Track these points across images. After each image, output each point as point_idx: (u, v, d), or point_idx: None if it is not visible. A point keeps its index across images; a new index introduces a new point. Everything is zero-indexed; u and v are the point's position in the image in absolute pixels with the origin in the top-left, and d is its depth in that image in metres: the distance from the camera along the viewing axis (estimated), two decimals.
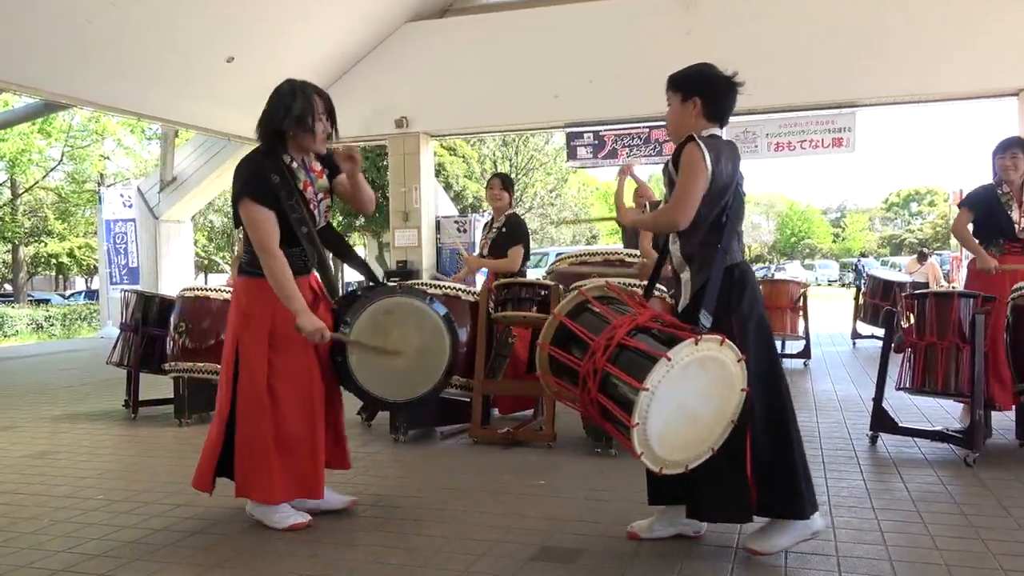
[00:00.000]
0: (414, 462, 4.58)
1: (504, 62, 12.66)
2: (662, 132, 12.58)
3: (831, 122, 11.81)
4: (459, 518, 3.48)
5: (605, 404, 2.67)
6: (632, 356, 2.67)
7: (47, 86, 10.24)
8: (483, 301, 5.08)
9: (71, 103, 11.65)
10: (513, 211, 5.86)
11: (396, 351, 3.42)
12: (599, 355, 2.68)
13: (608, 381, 2.68)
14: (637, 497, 3.69)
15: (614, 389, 2.66)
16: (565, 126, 13.13)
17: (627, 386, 2.59)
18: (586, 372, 2.71)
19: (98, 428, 5.77)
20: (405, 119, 13.39)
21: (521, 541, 3.16)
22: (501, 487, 3.97)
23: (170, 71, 10.91)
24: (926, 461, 4.35)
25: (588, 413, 2.83)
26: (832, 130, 11.83)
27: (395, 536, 3.25)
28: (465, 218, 15.09)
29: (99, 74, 10.44)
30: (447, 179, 24.06)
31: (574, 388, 2.81)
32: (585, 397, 2.74)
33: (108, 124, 26.31)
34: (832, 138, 11.80)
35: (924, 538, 3.11)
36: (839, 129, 11.78)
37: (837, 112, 11.74)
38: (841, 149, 11.83)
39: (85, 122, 26.32)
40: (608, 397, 2.66)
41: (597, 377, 2.67)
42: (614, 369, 2.65)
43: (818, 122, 11.87)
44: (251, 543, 3.18)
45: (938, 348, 4.41)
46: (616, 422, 2.66)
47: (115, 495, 3.95)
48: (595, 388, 2.68)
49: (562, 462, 4.48)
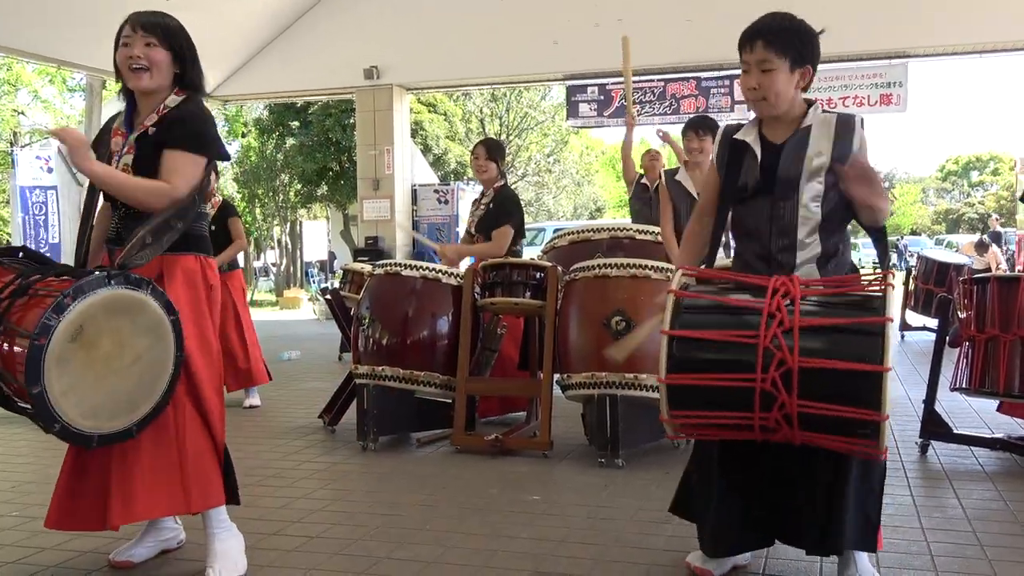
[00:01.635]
0: (385, 474, 4.60)
1: (494, 1, 12.61)
2: (679, 86, 12.61)
3: (879, 75, 11.83)
4: (438, 539, 3.49)
5: (815, 410, 2.41)
6: (833, 336, 2.46)
7: None
8: (468, 285, 5.09)
9: None
10: (504, 183, 5.83)
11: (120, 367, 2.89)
12: (787, 353, 2.41)
13: (812, 379, 2.41)
14: (646, 516, 3.72)
15: (821, 386, 2.41)
16: (565, 78, 13.12)
17: (843, 375, 2.38)
18: (770, 380, 2.42)
19: (13, 433, 5.77)
20: (375, 69, 13.33)
21: (510, 566, 3.18)
22: (487, 503, 4.00)
23: (96, 11, 10.82)
24: (984, 473, 4.39)
25: (769, 435, 2.54)
26: (880, 85, 11.84)
27: (362, 560, 3.27)
28: (447, 186, 15.07)
29: (11, 15, 10.36)
30: (425, 140, 24.01)
31: (738, 412, 2.51)
32: (773, 415, 2.46)
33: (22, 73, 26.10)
34: (880, 94, 11.83)
35: (981, 563, 3.14)
36: (888, 84, 11.79)
37: (886, 64, 11.75)
38: (890, 108, 11.85)
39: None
40: (816, 399, 2.42)
41: (794, 379, 2.41)
42: (819, 361, 2.41)
43: (864, 75, 11.88)
44: (188, 569, 3.20)
45: (1000, 342, 4.44)
46: (839, 426, 2.43)
47: (33, 511, 3.94)
48: (796, 394, 2.41)
49: (559, 474, 4.50)
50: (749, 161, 2.86)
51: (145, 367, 2.89)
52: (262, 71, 13.89)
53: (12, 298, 2.75)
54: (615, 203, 39.10)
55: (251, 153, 28.46)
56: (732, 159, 2.90)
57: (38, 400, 2.62)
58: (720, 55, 11.72)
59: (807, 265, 2.80)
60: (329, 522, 3.75)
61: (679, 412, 2.60)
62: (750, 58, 2.77)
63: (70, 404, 2.69)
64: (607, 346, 4.59)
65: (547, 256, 5.61)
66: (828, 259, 2.81)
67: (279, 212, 29.35)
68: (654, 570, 3.11)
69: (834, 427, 2.44)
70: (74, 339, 2.69)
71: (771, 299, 2.50)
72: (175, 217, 2.99)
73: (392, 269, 5.23)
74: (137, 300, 2.85)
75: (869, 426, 2.39)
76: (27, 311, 2.74)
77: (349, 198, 23.35)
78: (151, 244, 2.93)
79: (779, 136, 2.83)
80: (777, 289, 2.52)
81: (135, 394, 2.87)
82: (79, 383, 2.72)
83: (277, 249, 32.58)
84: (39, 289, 2.78)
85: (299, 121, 23.52)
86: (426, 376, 5.04)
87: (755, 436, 2.55)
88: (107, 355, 2.80)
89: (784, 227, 2.80)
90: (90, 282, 2.73)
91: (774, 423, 2.47)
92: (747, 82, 2.80)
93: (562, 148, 32.83)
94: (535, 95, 29.31)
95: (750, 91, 2.80)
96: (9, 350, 2.73)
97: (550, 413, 4.92)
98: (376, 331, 5.10)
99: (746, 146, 2.87)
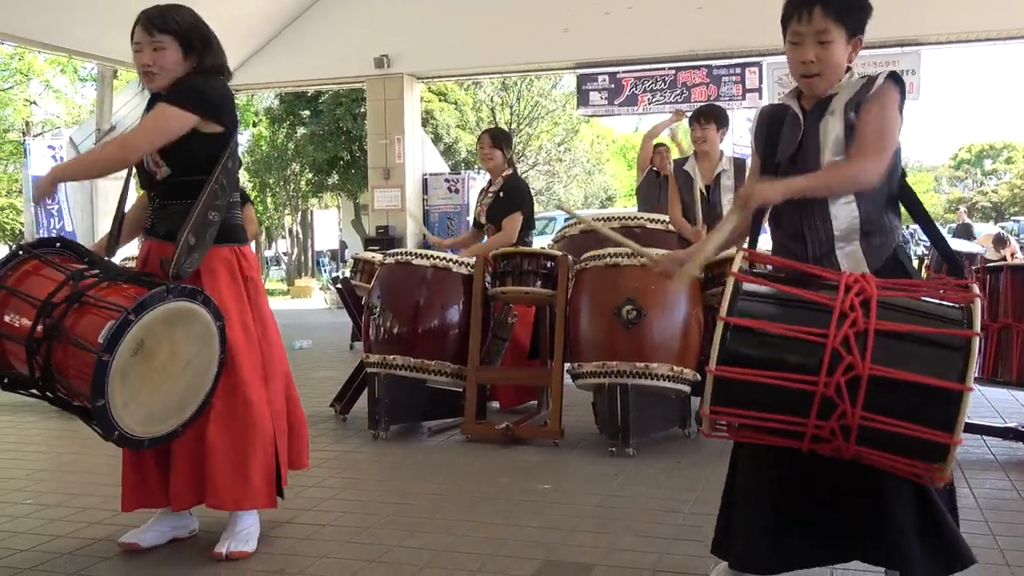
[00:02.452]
0: (397, 462, 4.62)
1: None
2: (690, 74, 12.55)
3: (892, 63, 11.75)
4: (449, 528, 3.50)
5: (878, 424, 2.18)
6: (910, 345, 2.22)
7: None
8: (479, 274, 5.09)
9: None
10: (512, 171, 5.82)
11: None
12: (858, 358, 2.17)
13: (880, 390, 2.18)
14: (657, 505, 3.73)
15: (889, 398, 2.19)
16: (576, 67, 13.08)
17: (916, 389, 2.15)
18: (834, 385, 2.18)
19: (25, 421, 5.81)
20: (386, 58, 13.32)
21: (521, 555, 3.19)
22: (498, 492, 4.00)
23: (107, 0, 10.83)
24: (996, 463, 4.38)
25: (818, 445, 2.30)
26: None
27: (373, 548, 3.28)
28: (457, 175, 15.06)
29: (22, 4, 10.38)
30: (436, 129, 23.99)
31: (790, 416, 2.27)
32: (830, 424, 2.22)
33: (34, 63, 26.15)
34: None
35: (992, 552, 3.13)
36: (901, 72, 11.72)
37: (898, 51, 11.68)
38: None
39: (7, 60, 26.19)
40: (882, 412, 2.18)
41: (862, 387, 2.16)
42: (893, 371, 2.16)
43: (876, 63, 11.78)
44: (205, 557, 3.21)
45: (1014, 331, 4.42)
46: (901, 445, 2.20)
47: (47, 499, 3.97)
48: (860, 405, 2.17)
49: (570, 463, 4.51)
50: (788, 130, 2.64)
51: (193, 372, 2.99)
52: (273, 60, 13.88)
53: (67, 303, 2.81)
54: (626, 192, 38.99)
55: (262, 142, 28.52)
56: (770, 135, 2.69)
57: (101, 412, 2.73)
58: (731, 43, 11.66)
59: (848, 243, 2.56)
60: (340, 510, 3.76)
61: (722, 408, 2.34)
62: (805, 28, 2.48)
63: (128, 413, 2.81)
64: (620, 334, 4.60)
65: (558, 245, 5.61)
66: (871, 234, 2.56)
67: (290, 201, 29.41)
68: (665, 559, 3.12)
69: (895, 445, 2.21)
70: (135, 353, 2.80)
71: (844, 296, 2.24)
72: (211, 210, 3.06)
73: (403, 258, 5.24)
74: (192, 311, 2.95)
75: (937, 449, 2.16)
76: (81, 316, 2.82)
77: (360, 187, 23.38)
78: (196, 246, 3.02)
79: (810, 107, 2.63)
80: (851, 286, 2.27)
81: (184, 397, 2.99)
82: (138, 395, 2.84)
83: (288, 238, 32.66)
84: (91, 296, 2.86)
85: (310, 110, 23.53)
86: (437, 365, 5.04)
87: (801, 445, 2.30)
88: (162, 364, 2.90)
89: (814, 202, 2.57)
90: (152, 297, 2.83)
91: (828, 433, 2.23)
92: (801, 55, 2.51)
93: (573, 137, 32.74)
94: (546, 84, 29.21)
95: (804, 65, 2.52)
96: (63, 356, 2.81)
97: (561, 402, 4.92)
98: (387, 320, 5.11)
99: (784, 116, 2.66)
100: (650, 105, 12.78)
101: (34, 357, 2.80)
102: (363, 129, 18.00)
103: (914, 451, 2.20)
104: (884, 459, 2.26)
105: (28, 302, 2.85)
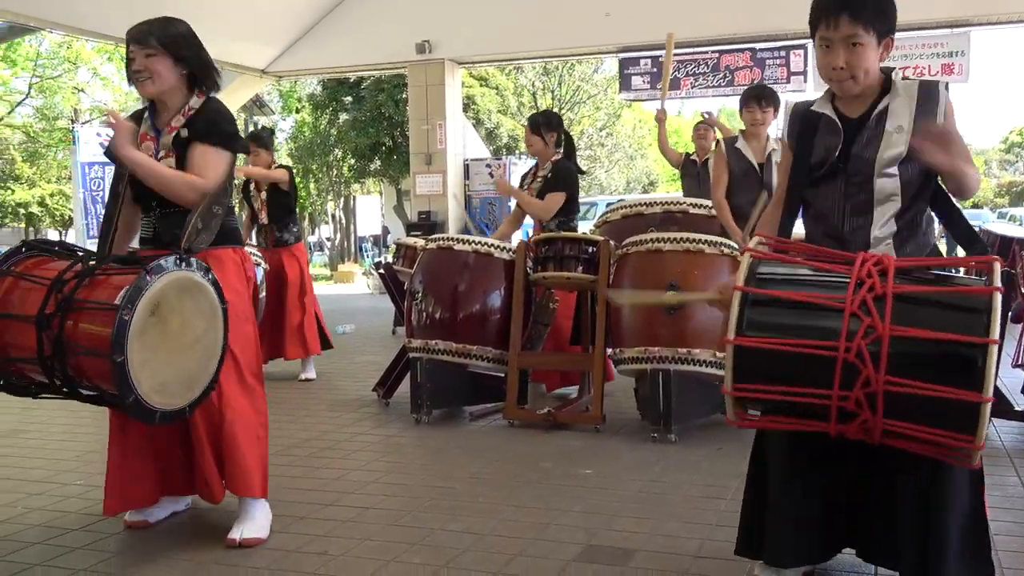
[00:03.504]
0: (439, 446, 4.64)
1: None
2: (733, 57, 12.41)
3: (940, 45, 11.54)
4: (490, 511, 3.52)
5: (904, 388, 2.10)
6: (931, 308, 2.19)
7: (11, 6, 10.34)
8: (520, 259, 5.09)
9: (39, 26, 11.76)
10: (560, 156, 5.76)
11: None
12: (878, 320, 2.11)
13: (903, 351, 2.11)
14: (699, 491, 3.71)
15: (913, 360, 2.12)
16: (618, 51, 12.97)
17: (939, 347, 2.10)
18: (855, 349, 2.11)
19: (76, 403, 5.90)
20: (428, 43, 13.32)
21: (562, 539, 3.20)
22: (540, 476, 4.01)
23: None
24: None
25: (846, 426, 2.22)
26: (941, 55, 11.55)
27: (416, 531, 3.31)
28: (499, 160, 15.09)
29: None
30: (477, 115, 23.97)
31: (813, 388, 2.20)
32: (855, 393, 2.14)
33: (82, 50, 26.52)
34: (941, 64, 11.54)
35: None
36: (949, 53, 11.50)
37: (947, 33, 11.45)
38: (952, 78, 11.55)
39: (55, 48, 26.57)
40: (907, 376, 2.11)
41: (884, 348, 2.10)
42: (914, 330, 2.12)
43: (924, 45, 11.59)
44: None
45: None
46: (930, 414, 2.12)
47: (97, 480, 4.03)
48: (884, 368, 2.11)
49: (612, 449, 4.51)
50: (826, 138, 2.60)
51: (201, 349, 3.04)
52: (315, 47, 13.94)
53: (78, 278, 2.87)
54: (668, 177, 38.73)
55: (305, 128, 28.68)
56: (803, 134, 2.65)
57: (119, 369, 2.74)
58: (776, 25, 11.51)
59: (882, 245, 2.54)
60: (383, 493, 3.79)
61: (745, 385, 2.29)
62: (833, 34, 2.46)
63: (145, 376, 2.82)
64: (662, 319, 4.59)
65: (600, 230, 5.58)
66: (905, 239, 2.54)
67: (333, 187, 29.56)
68: (707, 545, 3.11)
69: (924, 414, 2.13)
70: (152, 314, 2.84)
71: (860, 267, 2.21)
72: (215, 204, 3.16)
73: (445, 243, 5.25)
74: (201, 285, 3.01)
75: (966, 411, 2.06)
76: (94, 289, 2.88)
77: (402, 173, 23.41)
78: (203, 230, 3.09)
79: (854, 110, 2.58)
80: (867, 259, 2.24)
81: (194, 373, 3.02)
82: (153, 357, 2.86)
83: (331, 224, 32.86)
84: (102, 271, 2.93)
85: (352, 96, 23.60)
86: (478, 350, 5.06)
87: (828, 428, 2.23)
88: (175, 332, 2.94)
89: (858, 205, 2.55)
90: (166, 261, 2.89)
91: (854, 404, 2.15)
92: (831, 61, 2.48)
93: (615, 121, 32.55)
94: (587, 68, 29.05)
95: (836, 71, 2.48)
96: (76, 325, 2.83)
97: (602, 388, 4.91)
98: (429, 305, 5.13)
99: (820, 121, 2.62)
100: (693, 89, 12.65)
101: (44, 332, 2.80)
102: (405, 115, 18.02)
103: (945, 419, 2.12)
104: (914, 431, 2.16)
105: (38, 283, 2.89)
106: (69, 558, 3.11)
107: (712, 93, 12.65)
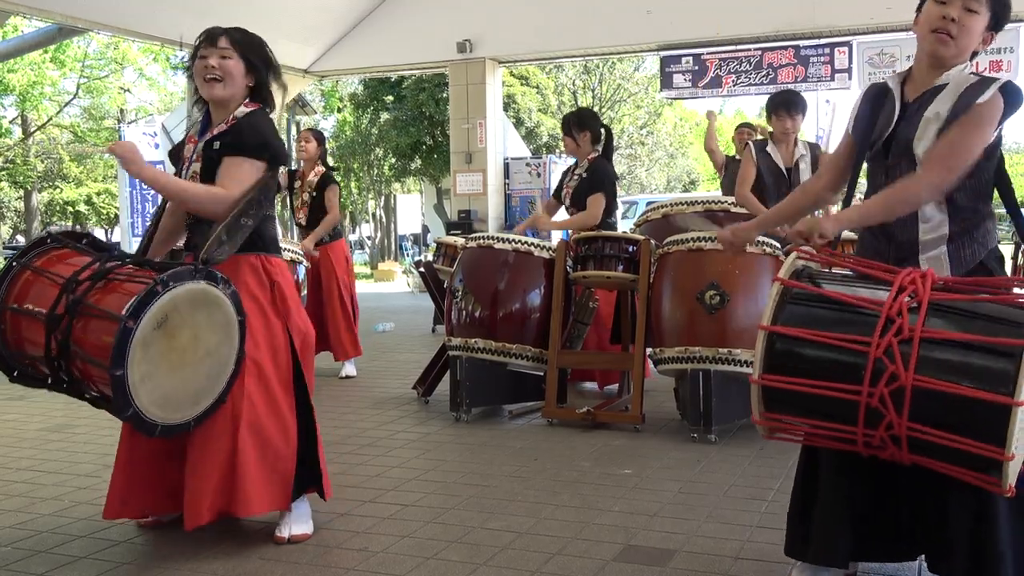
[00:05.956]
0: (478, 445, 4.65)
1: None
2: (776, 55, 12.28)
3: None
4: (530, 510, 3.52)
5: (926, 436, 2.11)
6: (959, 353, 2.12)
7: (59, 7, 10.51)
8: (560, 258, 5.08)
9: (86, 27, 11.95)
10: (598, 154, 5.75)
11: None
12: (901, 368, 2.10)
13: (926, 400, 2.10)
14: (740, 492, 3.69)
15: (936, 409, 2.11)
16: (659, 49, 12.90)
17: (963, 401, 2.06)
18: (878, 395, 2.13)
19: None
20: (468, 42, 13.35)
21: (601, 539, 3.19)
22: (579, 476, 4.01)
23: None
24: None
25: (876, 452, 2.25)
26: (990, 51, 11.33)
27: (455, 529, 3.32)
28: (539, 159, 15.04)
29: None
30: (517, 113, 23.97)
31: (840, 424, 2.23)
32: (879, 433, 2.16)
33: (128, 51, 26.89)
34: (989, 60, 11.35)
35: None
36: (997, 50, 11.31)
37: None
38: (1000, 74, 11.37)
39: (102, 49, 26.99)
40: (929, 424, 2.11)
41: (907, 399, 2.10)
42: (937, 383, 2.09)
43: None
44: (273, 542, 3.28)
45: None
46: (955, 456, 2.12)
47: None
48: (907, 416, 2.11)
49: (651, 449, 4.49)
50: (886, 115, 2.58)
51: (212, 363, 2.97)
52: (357, 46, 14.02)
53: (92, 280, 2.85)
54: (709, 176, 38.46)
55: (346, 128, 28.90)
56: (872, 112, 2.62)
57: (118, 383, 2.68)
58: (820, 22, 11.38)
59: (934, 247, 2.49)
60: (423, 491, 3.81)
61: (773, 415, 2.35)
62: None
63: (146, 391, 2.77)
64: (702, 319, 4.56)
65: (640, 229, 5.56)
66: (961, 239, 2.48)
67: (374, 186, 29.76)
68: (748, 547, 3.08)
69: (949, 456, 2.13)
70: (159, 326, 2.78)
71: (894, 299, 2.17)
72: (244, 216, 3.07)
73: (485, 242, 5.26)
74: (217, 297, 2.94)
75: (991, 463, 2.06)
76: (106, 294, 2.84)
77: (442, 172, 23.48)
78: (227, 241, 3.02)
79: (915, 92, 2.56)
80: (904, 287, 2.19)
81: (201, 388, 2.96)
82: (156, 371, 2.80)
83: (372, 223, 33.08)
84: (118, 274, 2.89)
85: (393, 95, 23.72)
86: (518, 349, 5.06)
87: (859, 450, 2.26)
88: (183, 347, 2.88)
89: None
90: (180, 272, 2.83)
91: (879, 441, 2.17)
92: (944, 10, 2.43)
93: (655, 120, 32.39)
94: (628, 66, 28.94)
95: (944, 21, 2.43)
96: (83, 330, 2.81)
97: (642, 387, 4.89)
98: (469, 303, 5.14)
99: (887, 97, 2.59)
100: (735, 87, 12.54)
101: (53, 334, 2.79)
102: (445, 114, 18.08)
103: (969, 463, 2.12)
104: (941, 468, 2.18)
105: (54, 281, 2.87)
106: (114, 551, 3.15)
107: (754, 91, 12.51)
